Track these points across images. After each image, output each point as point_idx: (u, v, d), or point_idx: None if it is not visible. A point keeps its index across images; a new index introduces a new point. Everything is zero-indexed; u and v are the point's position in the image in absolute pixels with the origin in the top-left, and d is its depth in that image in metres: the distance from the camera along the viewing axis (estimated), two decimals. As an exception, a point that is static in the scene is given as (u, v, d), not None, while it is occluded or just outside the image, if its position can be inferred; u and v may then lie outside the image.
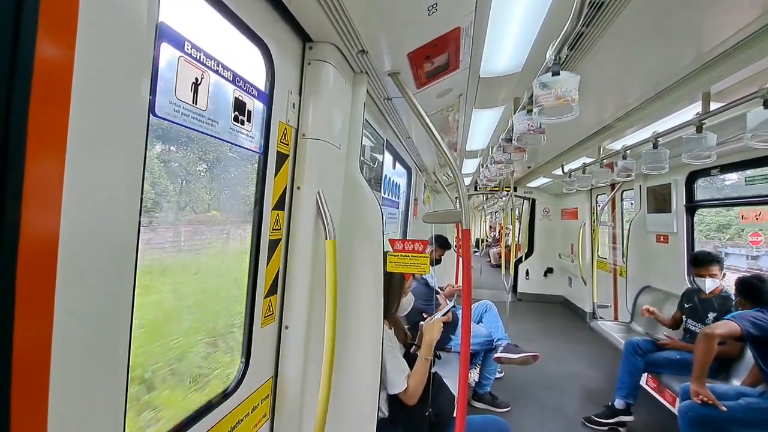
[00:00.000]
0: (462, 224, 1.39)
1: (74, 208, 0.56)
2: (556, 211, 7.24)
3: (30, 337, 0.52)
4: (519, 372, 3.69)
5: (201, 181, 1.21)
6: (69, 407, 0.58)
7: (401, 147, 3.02)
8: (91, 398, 0.62)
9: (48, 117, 0.52)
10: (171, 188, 1.05)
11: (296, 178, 1.26)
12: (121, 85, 0.63)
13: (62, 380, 0.56)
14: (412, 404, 1.54)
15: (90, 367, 0.61)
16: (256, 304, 1.13)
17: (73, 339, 0.57)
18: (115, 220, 0.64)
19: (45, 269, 0.53)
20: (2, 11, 0.47)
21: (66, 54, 0.53)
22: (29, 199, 0.51)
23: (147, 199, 0.81)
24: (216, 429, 0.97)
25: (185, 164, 1.10)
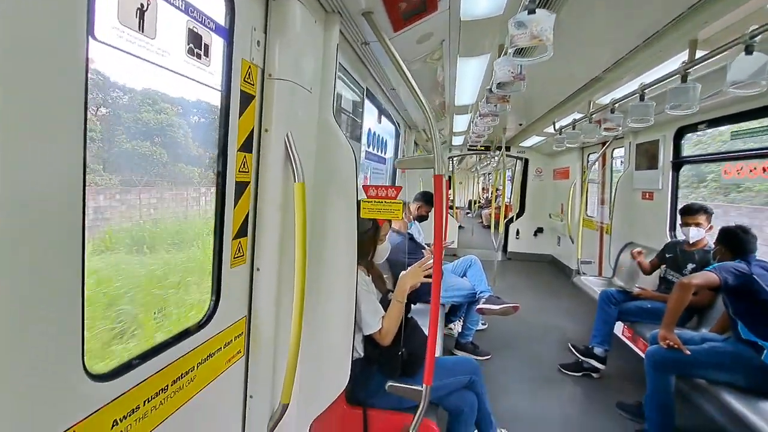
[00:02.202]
0: (435, 170, 1.39)
1: (8, 146, 0.55)
2: (548, 171, 7.24)
3: None
4: (502, 324, 3.84)
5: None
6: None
7: (386, 101, 2.95)
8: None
9: None
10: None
11: (264, 120, 1.24)
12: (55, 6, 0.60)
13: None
14: (386, 344, 1.61)
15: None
16: (224, 245, 1.14)
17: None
18: (56, 155, 0.64)
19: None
20: None
21: None
22: None
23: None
24: (188, 357, 1.02)
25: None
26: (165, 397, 0.94)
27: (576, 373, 2.94)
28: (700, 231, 2.76)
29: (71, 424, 0.71)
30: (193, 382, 1.05)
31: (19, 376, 0.61)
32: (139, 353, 0.89)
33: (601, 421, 2.36)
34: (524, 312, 4.34)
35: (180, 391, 1.00)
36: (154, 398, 0.91)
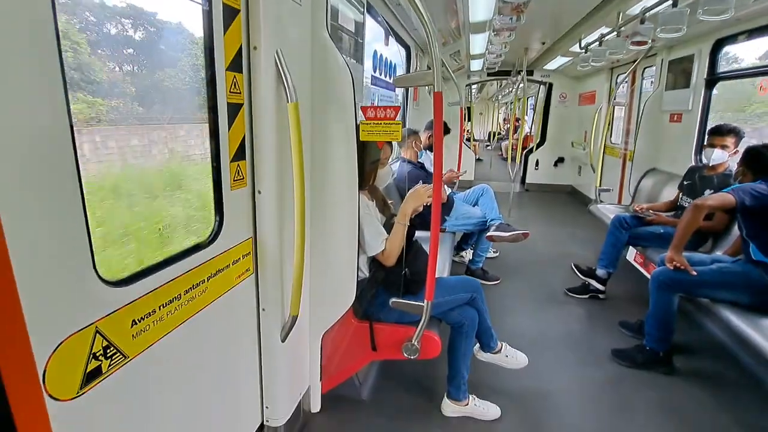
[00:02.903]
0: (434, 86, 1.32)
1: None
2: (574, 97, 6.81)
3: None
4: (514, 252, 3.91)
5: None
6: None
7: (393, 18, 2.75)
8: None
9: None
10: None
11: (251, 36, 1.19)
12: None
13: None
14: (390, 265, 1.68)
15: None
16: (222, 168, 1.16)
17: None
18: (34, 87, 0.64)
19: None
20: None
21: None
22: None
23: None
24: (198, 271, 1.09)
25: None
26: (179, 305, 1.03)
27: (582, 296, 3.01)
28: (724, 154, 2.60)
29: (94, 320, 0.79)
30: (205, 293, 1.14)
31: (38, 284, 0.68)
32: (150, 264, 0.96)
33: (601, 338, 2.47)
34: (537, 241, 4.39)
35: (193, 300, 1.09)
36: (169, 304, 1.00)
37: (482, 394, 1.87)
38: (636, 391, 2.02)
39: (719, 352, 2.31)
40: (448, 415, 1.81)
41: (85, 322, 0.78)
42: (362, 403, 1.89)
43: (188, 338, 1.08)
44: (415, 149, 3.17)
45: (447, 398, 1.82)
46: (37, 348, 0.69)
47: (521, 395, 1.97)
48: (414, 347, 1.59)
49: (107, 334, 0.83)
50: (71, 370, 0.76)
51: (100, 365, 0.82)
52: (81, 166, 0.74)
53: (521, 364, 1.96)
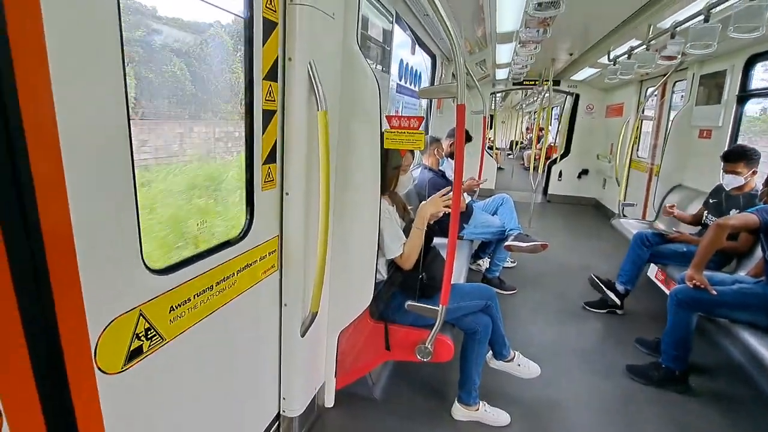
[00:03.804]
0: (457, 99, 1.38)
1: (61, 82, 0.65)
2: (601, 108, 6.70)
3: (52, 215, 0.67)
4: (532, 263, 3.89)
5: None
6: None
7: (420, 28, 2.81)
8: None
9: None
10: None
11: (287, 48, 1.27)
12: None
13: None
14: (407, 268, 1.73)
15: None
16: (254, 170, 1.25)
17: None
18: (100, 90, 0.73)
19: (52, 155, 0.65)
20: None
21: None
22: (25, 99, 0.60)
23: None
24: (229, 264, 1.18)
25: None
26: (211, 294, 1.12)
27: (600, 310, 2.98)
28: (737, 178, 2.57)
29: (139, 304, 0.88)
30: (234, 286, 1.22)
31: (95, 268, 0.77)
32: (188, 256, 1.05)
33: (617, 353, 2.44)
34: (557, 252, 4.35)
35: (223, 291, 1.17)
36: (202, 294, 1.08)
37: (493, 400, 1.89)
38: (649, 408, 2.00)
39: (736, 374, 2.26)
40: (458, 419, 1.84)
41: (132, 305, 0.87)
42: (374, 401, 1.94)
43: (217, 327, 1.17)
44: (437, 156, 3.21)
45: (458, 402, 1.85)
46: (92, 325, 0.78)
47: (532, 404, 1.98)
48: (427, 350, 1.64)
49: (149, 317, 0.91)
50: (118, 348, 0.85)
51: (142, 345, 0.91)
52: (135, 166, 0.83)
53: (533, 373, 1.97)
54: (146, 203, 1.09)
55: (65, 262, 0.71)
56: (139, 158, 1.08)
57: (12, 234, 0.63)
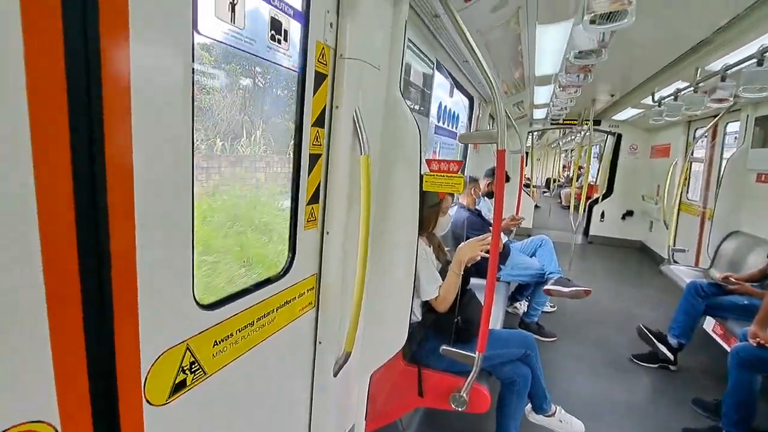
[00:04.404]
0: (498, 144, 1.40)
1: (140, 125, 0.73)
2: (645, 148, 6.49)
3: (121, 243, 0.73)
4: (573, 308, 3.69)
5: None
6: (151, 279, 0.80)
7: (459, 72, 2.90)
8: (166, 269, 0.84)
9: (113, 39, 0.66)
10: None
11: (335, 97, 1.35)
12: (170, 7, 0.76)
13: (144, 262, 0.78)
14: (442, 311, 1.70)
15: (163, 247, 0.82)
16: (299, 210, 1.30)
17: (148, 237, 0.78)
18: (173, 133, 0.81)
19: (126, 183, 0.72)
20: None
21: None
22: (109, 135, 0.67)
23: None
24: (270, 301, 1.21)
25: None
26: (251, 330, 1.15)
27: (650, 364, 2.76)
28: None
29: (187, 338, 0.92)
30: (273, 323, 1.25)
31: (153, 302, 0.82)
32: (233, 292, 1.09)
33: (670, 414, 2.22)
34: (600, 298, 4.12)
35: (262, 328, 1.20)
36: (243, 330, 1.11)
37: (532, 459, 1.77)
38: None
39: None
40: (494, 477, 1.73)
41: (181, 338, 0.91)
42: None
43: (255, 362, 1.19)
44: (474, 196, 3.21)
45: (493, 458, 1.74)
46: (144, 356, 0.82)
47: (575, 467, 1.82)
48: (462, 399, 1.57)
49: (195, 351, 0.95)
50: (165, 380, 0.88)
51: (186, 378, 0.94)
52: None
53: (576, 431, 1.83)
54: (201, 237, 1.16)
55: (128, 292, 0.76)
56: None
57: (86, 260, 0.69)
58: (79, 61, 0.62)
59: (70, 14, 0.61)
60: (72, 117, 0.63)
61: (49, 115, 0.60)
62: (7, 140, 0.57)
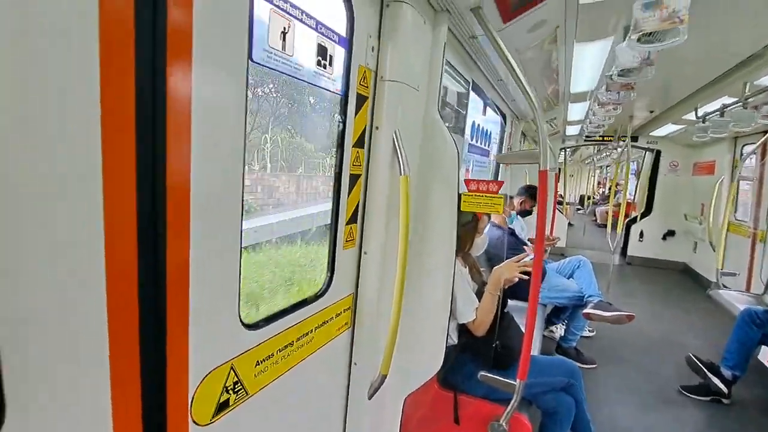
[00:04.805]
0: (540, 165, 1.37)
1: (198, 146, 0.75)
2: (687, 165, 6.20)
3: (176, 260, 0.75)
4: (613, 333, 3.51)
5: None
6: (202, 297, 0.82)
7: (493, 91, 2.89)
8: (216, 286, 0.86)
9: (177, 67, 0.70)
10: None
11: (375, 118, 1.37)
12: (228, 38, 0.79)
13: (197, 277, 0.79)
14: (480, 335, 1.65)
15: (215, 269, 0.84)
16: (338, 229, 1.31)
17: (201, 252, 0.80)
18: (226, 156, 0.83)
19: (183, 204, 0.75)
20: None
21: (187, 18, 0.70)
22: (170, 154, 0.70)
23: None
24: (308, 321, 1.21)
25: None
26: (291, 350, 1.15)
27: (701, 397, 2.56)
28: None
29: (232, 357, 0.93)
30: (311, 343, 1.25)
31: (202, 323, 0.83)
32: (275, 311, 1.10)
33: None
34: (642, 323, 3.90)
35: (301, 348, 1.20)
36: (284, 350, 1.12)
37: (576, 497, 1.66)
38: None
39: None
40: None
41: (226, 358, 0.91)
42: (439, 478, 1.79)
43: (292, 383, 1.18)
44: (505, 214, 3.14)
45: (534, 494, 1.64)
46: (192, 376, 0.83)
47: None
48: (501, 428, 1.50)
49: (238, 370, 0.95)
50: (209, 400, 0.89)
51: (229, 398, 0.94)
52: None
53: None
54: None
55: (180, 310, 0.78)
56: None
57: (145, 275, 0.71)
58: (147, 86, 0.66)
59: (142, 44, 0.64)
60: (138, 138, 0.66)
61: (117, 136, 0.63)
62: (80, 158, 0.60)
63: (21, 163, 0.54)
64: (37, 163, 0.55)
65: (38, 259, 0.58)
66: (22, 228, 0.55)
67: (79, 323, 0.64)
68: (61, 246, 0.60)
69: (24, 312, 0.57)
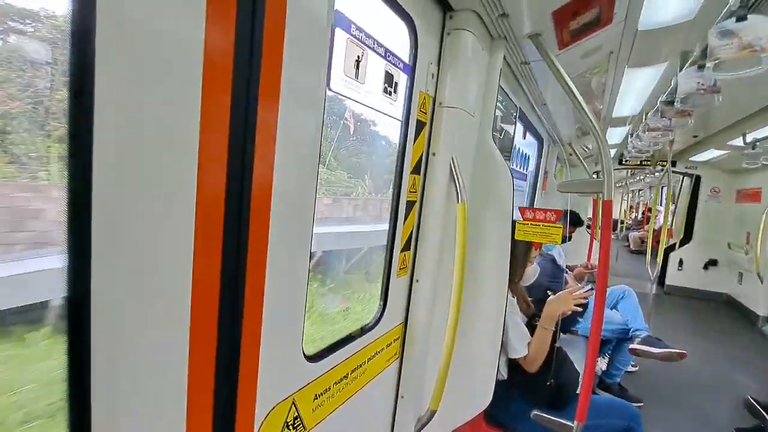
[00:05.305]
0: (603, 195, 1.31)
1: (281, 167, 0.75)
2: (729, 192, 5.92)
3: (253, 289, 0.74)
4: (657, 369, 3.30)
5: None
6: (273, 309, 0.79)
7: (533, 115, 2.85)
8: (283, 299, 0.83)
9: (267, 100, 0.70)
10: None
11: (432, 144, 1.35)
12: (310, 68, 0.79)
13: (271, 286, 0.77)
14: (532, 371, 1.56)
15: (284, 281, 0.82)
16: (393, 257, 1.28)
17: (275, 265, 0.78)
18: (302, 172, 0.82)
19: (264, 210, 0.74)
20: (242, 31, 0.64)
21: (277, 58, 0.71)
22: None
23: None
24: (363, 352, 1.17)
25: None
26: (346, 383, 1.10)
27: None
28: None
29: (294, 391, 0.90)
30: (364, 375, 1.20)
31: (270, 358, 0.81)
32: (333, 343, 1.07)
33: None
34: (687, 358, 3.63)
35: (355, 380, 1.15)
36: (339, 383, 1.07)
37: None
38: None
39: None
40: None
41: (290, 392, 0.88)
42: None
43: (345, 417, 1.13)
44: (543, 240, 3.04)
45: None
46: (258, 410, 0.80)
47: None
48: (557, 474, 1.40)
49: (298, 405, 0.92)
50: (272, 437, 0.85)
51: None
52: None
53: None
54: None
55: (252, 342, 0.76)
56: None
57: (224, 309, 0.69)
58: (240, 115, 0.66)
59: (239, 81, 0.65)
60: (230, 160, 0.66)
61: (212, 159, 0.64)
62: (179, 177, 0.60)
63: (131, 172, 0.55)
64: (144, 172, 0.56)
65: (138, 266, 0.58)
66: (127, 232, 0.55)
67: (162, 330, 0.62)
68: (154, 260, 0.60)
69: (119, 314, 0.56)
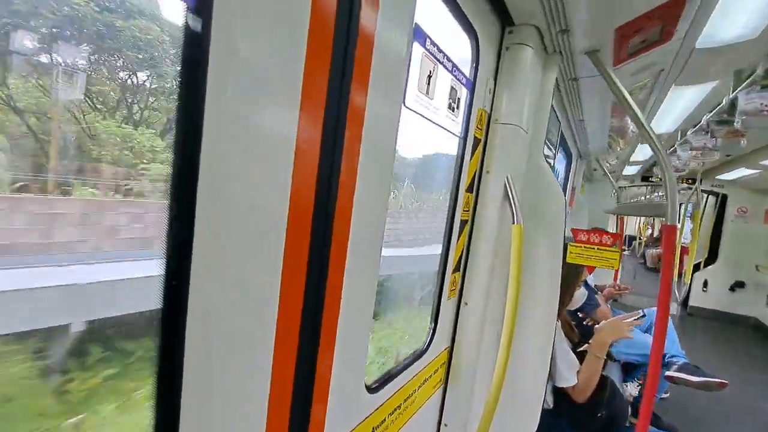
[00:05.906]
0: (667, 219, 1.24)
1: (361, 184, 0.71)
2: (757, 212, 5.74)
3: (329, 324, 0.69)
4: (688, 396, 3.15)
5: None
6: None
7: (569, 131, 2.79)
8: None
9: (354, 125, 0.67)
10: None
11: (486, 162, 1.30)
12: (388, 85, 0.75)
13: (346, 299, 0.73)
14: (581, 401, 1.48)
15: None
16: (445, 278, 1.22)
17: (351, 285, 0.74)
18: (377, 200, 0.79)
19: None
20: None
21: (364, 79, 0.68)
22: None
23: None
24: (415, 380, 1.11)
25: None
26: (398, 414, 1.04)
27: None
28: None
29: (356, 425, 0.84)
30: (413, 404, 1.14)
31: (338, 393, 0.76)
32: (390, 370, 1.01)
33: None
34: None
35: (405, 410, 1.09)
36: (392, 414, 1.01)
37: None
38: None
39: None
40: None
41: (353, 424, 0.83)
42: None
43: None
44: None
45: None
46: None
47: None
48: None
49: None
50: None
51: None
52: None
53: None
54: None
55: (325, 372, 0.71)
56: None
57: (305, 353, 0.65)
58: (330, 133, 0.64)
59: (332, 105, 0.62)
60: (321, 161, 0.63)
61: (306, 154, 0.61)
62: (278, 175, 0.58)
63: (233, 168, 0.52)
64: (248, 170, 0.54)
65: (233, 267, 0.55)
66: (225, 227, 0.53)
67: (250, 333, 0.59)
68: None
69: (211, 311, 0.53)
